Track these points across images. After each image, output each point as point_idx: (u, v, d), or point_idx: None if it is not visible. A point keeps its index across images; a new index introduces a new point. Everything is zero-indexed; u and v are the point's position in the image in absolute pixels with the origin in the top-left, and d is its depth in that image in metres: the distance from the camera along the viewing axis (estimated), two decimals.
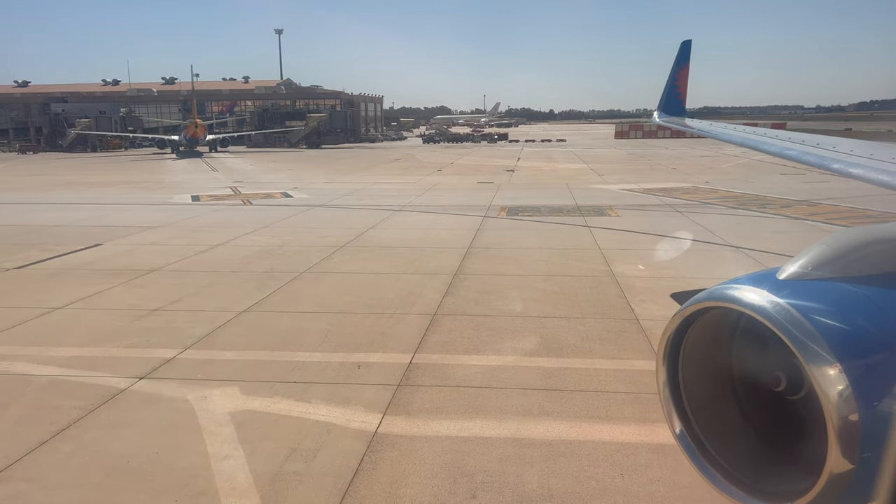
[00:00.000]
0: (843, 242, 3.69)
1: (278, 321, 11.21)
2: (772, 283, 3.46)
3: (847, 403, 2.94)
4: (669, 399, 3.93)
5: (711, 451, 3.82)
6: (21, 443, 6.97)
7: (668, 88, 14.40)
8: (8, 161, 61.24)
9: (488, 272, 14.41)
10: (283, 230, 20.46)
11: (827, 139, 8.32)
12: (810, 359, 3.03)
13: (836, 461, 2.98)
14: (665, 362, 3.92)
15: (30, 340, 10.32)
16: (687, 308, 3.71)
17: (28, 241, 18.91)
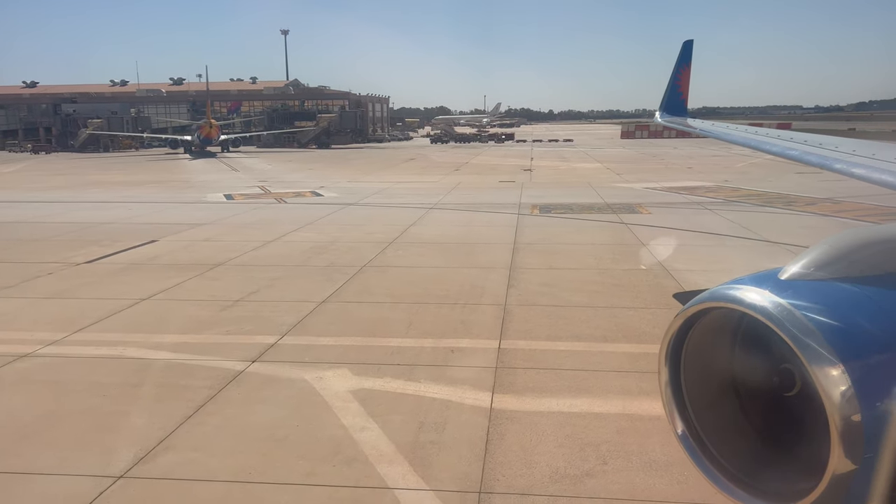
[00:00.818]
0: (845, 243, 3.70)
1: (359, 311, 11.82)
2: (774, 283, 3.48)
3: (849, 404, 2.93)
4: (672, 399, 3.93)
5: (714, 451, 3.83)
6: (169, 417, 7.59)
7: (669, 89, 14.52)
8: (25, 161, 61.76)
9: (542, 266, 15.03)
10: (328, 227, 21.06)
11: (829, 139, 8.40)
12: (812, 359, 3.03)
13: (839, 462, 2.97)
14: (667, 363, 3.93)
15: (131, 328, 10.93)
16: (689, 308, 3.72)
17: (84, 237, 19.51)
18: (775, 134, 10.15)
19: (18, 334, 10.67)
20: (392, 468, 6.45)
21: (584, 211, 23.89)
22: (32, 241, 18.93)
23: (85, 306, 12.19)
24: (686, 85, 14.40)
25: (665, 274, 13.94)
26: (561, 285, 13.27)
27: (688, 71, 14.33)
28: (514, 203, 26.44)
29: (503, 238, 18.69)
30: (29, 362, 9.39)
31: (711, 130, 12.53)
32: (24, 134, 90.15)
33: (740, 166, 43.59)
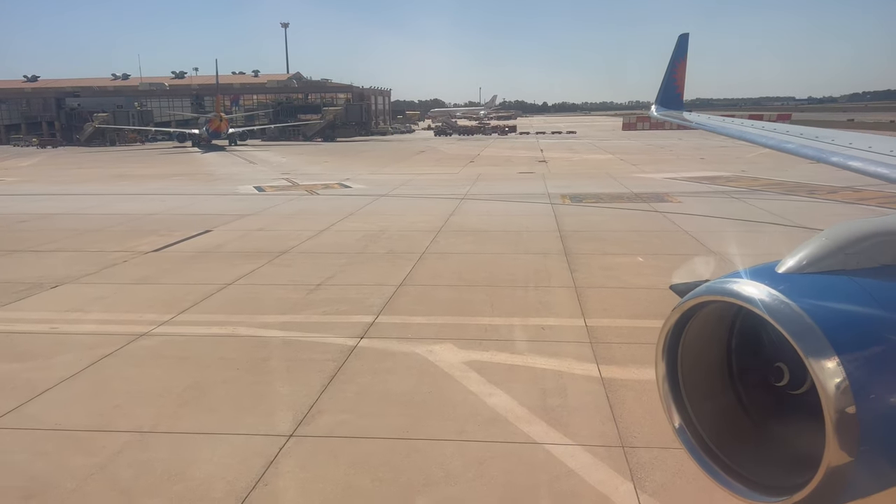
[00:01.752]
0: (842, 235, 3.71)
1: (438, 293, 12.49)
2: (770, 276, 3.49)
3: (845, 396, 2.94)
4: (669, 393, 3.95)
5: (711, 444, 3.84)
6: (308, 386, 8.27)
7: (665, 82, 14.50)
8: (36, 155, 61.97)
9: (595, 251, 15.74)
10: (371, 217, 21.68)
11: (825, 132, 8.40)
12: (808, 351, 3.04)
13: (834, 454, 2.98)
14: (664, 357, 3.93)
15: (230, 310, 11.58)
16: (686, 302, 3.72)
17: (138, 228, 20.10)
18: (771, 127, 10.10)
19: (127, 315, 11.30)
20: (532, 427, 7.15)
21: (613, 200, 24.59)
22: (88, 232, 19.48)
23: (175, 291, 12.82)
24: (682, 78, 14.46)
25: (719, 259, 14.66)
26: (622, 269, 13.98)
27: (683, 64, 14.39)
28: (542, 193, 27.13)
29: (546, 226, 19.38)
30: (150, 340, 10.03)
31: (707, 123, 12.56)
32: (27, 128, 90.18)
33: (751, 157, 44.34)
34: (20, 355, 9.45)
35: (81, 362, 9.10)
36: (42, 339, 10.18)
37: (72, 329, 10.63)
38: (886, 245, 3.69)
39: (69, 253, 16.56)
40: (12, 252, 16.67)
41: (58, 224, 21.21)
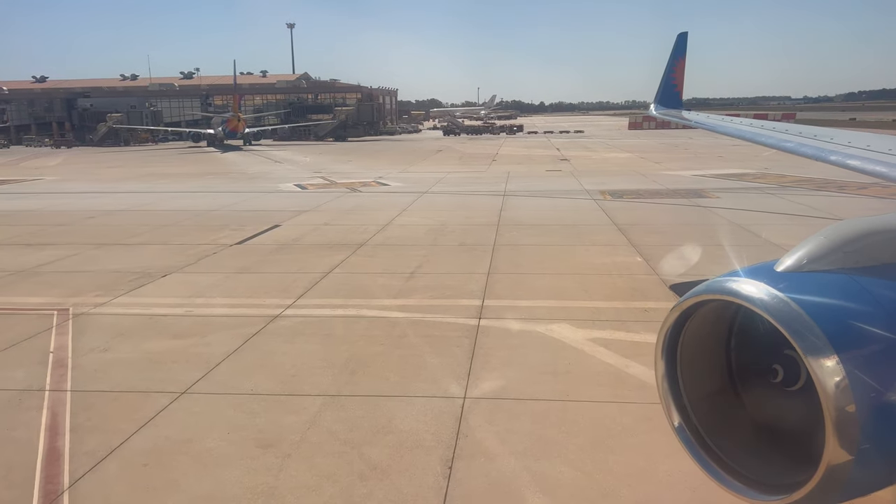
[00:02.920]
0: (840, 234, 3.72)
1: (527, 280, 13.35)
2: (769, 275, 3.50)
3: (844, 394, 2.95)
4: (668, 392, 3.97)
5: (710, 443, 3.85)
6: (456, 357, 9.12)
7: (664, 81, 14.55)
8: (57, 155, 62.61)
9: (663, 243, 16.59)
10: (426, 212, 22.52)
11: (823, 130, 8.45)
12: (808, 350, 3.05)
13: (834, 452, 2.98)
14: (663, 356, 3.95)
15: (344, 294, 12.42)
16: (685, 301, 3.73)
17: (206, 223, 20.92)
18: (770, 126, 10.16)
19: (249, 300, 12.16)
20: None
21: (653, 196, 25.49)
22: (161, 227, 20.29)
23: (281, 278, 13.67)
24: (681, 77, 14.55)
25: (786, 251, 15.57)
26: (700, 260, 14.80)
27: (682, 63, 14.48)
28: (580, 190, 28.03)
29: (599, 220, 20.29)
30: (286, 321, 10.88)
31: (706, 122, 12.66)
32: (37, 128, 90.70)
33: (768, 154, 45.10)
34: (176, 334, 10.30)
35: (235, 340, 9.94)
36: (184, 320, 11.02)
37: (206, 312, 11.47)
38: (885, 243, 3.69)
39: (156, 246, 17.38)
40: (101, 245, 17.47)
41: (126, 220, 22.01)
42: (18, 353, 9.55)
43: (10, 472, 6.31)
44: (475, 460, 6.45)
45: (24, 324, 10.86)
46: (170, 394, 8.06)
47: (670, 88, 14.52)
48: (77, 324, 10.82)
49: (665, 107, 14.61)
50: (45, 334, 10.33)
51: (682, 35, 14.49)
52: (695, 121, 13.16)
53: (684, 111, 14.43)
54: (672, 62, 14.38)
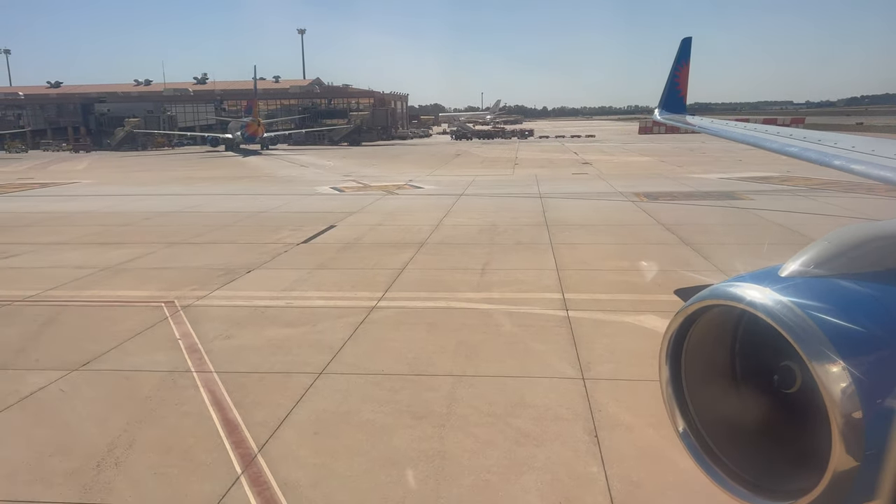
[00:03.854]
0: (846, 239, 3.70)
1: (598, 276, 14.02)
2: (774, 280, 3.49)
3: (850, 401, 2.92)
4: (672, 397, 3.99)
5: (715, 449, 3.84)
6: (559, 344, 9.79)
7: (668, 86, 14.59)
8: (80, 159, 63.42)
9: (713, 241, 17.28)
10: (471, 213, 23.21)
11: (828, 135, 8.43)
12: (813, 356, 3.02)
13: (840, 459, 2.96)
14: (668, 361, 3.98)
15: (427, 288, 13.10)
16: (689, 306, 3.75)
17: (263, 224, 21.64)
18: (774, 131, 10.23)
19: (341, 293, 12.86)
20: None
21: (688, 198, 26.18)
22: (222, 228, 21.00)
23: (361, 274, 14.37)
24: (685, 82, 14.63)
25: None
26: (751, 256, 15.51)
27: (686, 68, 14.54)
28: (613, 192, 28.73)
29: (644, 220, 20.99)
30: (385, 312, 11.57)
31: (710, 127, 12.69)
32: (53, 133, 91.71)
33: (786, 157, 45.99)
34: (287, 323, 10.99)
35: (345, 328, 10.64)
36: (289, 311, 11.72)
37: (305, 304, 12.17)
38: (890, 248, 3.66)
39: (227, 245, 18.09)
40: (172, 244, 18.18)
41: (183, 220, 22.74)
42: (148, 339, 10.25)
43: (199, 441, 7.00)
44: (617, 430, 7.14)
45: (140, 314, 11.55)
46: (309, 374, 8.75)
47: (674, 93, 14.68)
48: (188, 314, 11.51)
49: (669, 112, 14.72)
50: (164, 324, 11.03)
51: (685, 40, 14.63)
52: (698, 125, 13.24)
53: (688, 116, 14.56)
54: (676, 67, 14.50)
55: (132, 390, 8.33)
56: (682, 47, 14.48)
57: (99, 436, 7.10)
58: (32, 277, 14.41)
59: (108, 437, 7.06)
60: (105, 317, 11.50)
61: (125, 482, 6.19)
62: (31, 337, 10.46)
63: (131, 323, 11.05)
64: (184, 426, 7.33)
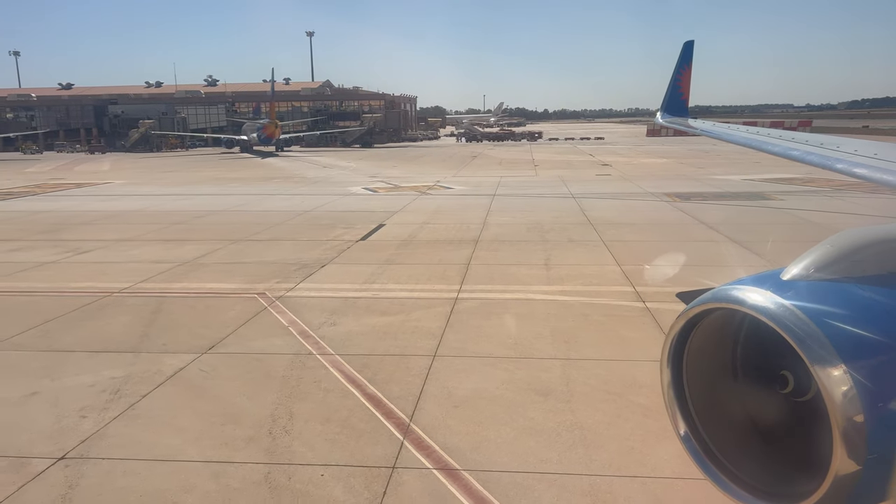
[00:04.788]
0: (846, 243, 3.71)
1: (660, 271, 14.65)
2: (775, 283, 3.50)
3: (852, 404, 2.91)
4: (674, 401, 3.99)
5: (716, 452, 3.84)
6: (647, 332, 10.46)
7: (670, 89, 14.61)
8: (99, 161, 64.07)
9: (759, 239, 17.89)
10: (513, 213, 23.86)
11: (830, 139, 8.45)
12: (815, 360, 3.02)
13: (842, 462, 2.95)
14: (669, 364, 3.98)
15: (500, 282, 13.75)
16: (691, 309, 3.75)
17: (315, 222, 22.32)
18: (776, 134, 10.30)
19: (419, 285, 13.53)
20: None
21: (718, 198, 26.85)
22: (276, 226, 21.65)
23: (430, 269, 15.02)
24: (687, 85, 14.64)
25: None
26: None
27: (688, 71, 14.54)
28: (643, 192, 29.42)
29: (683, 219, 21.68)
30: (470, 302, 12.22)
31: (712, 130, 12.77)
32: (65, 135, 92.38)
33: None
34: (382, 312, 11.65)
35: (438, 317, 11.30)
36: (379, 302, 12.38)
37: (390, 295, 12.84)
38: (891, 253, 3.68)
39: (288, 242, 18.75)
40: (235, 241, 18.84)
41: (234, 219, 23.43)
42: (259, 326, 10.91)
43: (352, 413, 7.67)
44: None
45: (238, 304, 12.22)
46: (424, 356, 9.42)
47: (676, 96, 14.75)
48: (285, 304, 12.18)
49: (671, 115, 14.81)
50: (265, 312, 11.70)
51: (688, 44, 14.71)
52: (700, 129, 13.30)
53: (690, 119, 14.69)
54: (678, 70, 14.56)
55: (267, 370, 9.00)
56: (684, 50, 14.62)
57: (258, 408, 7.77)
58: (118, 271, 15.08)
59: (266, 410, 7.73)
60: (206, 306, 12.17)
61: (302, 446, 6.87)
62: (147, 324, 11.13)
63: (234, 312, 11.71)
64: (331, 400, 8.00)
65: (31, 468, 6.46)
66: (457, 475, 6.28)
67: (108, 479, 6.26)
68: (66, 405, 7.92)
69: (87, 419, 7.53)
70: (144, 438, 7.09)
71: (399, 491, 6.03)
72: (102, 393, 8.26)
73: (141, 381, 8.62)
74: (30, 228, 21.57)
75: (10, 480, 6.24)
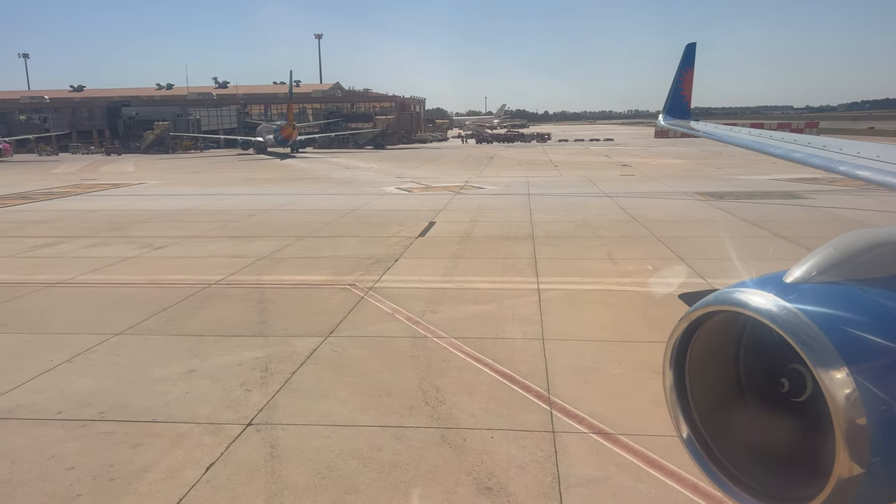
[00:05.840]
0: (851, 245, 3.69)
1: (727, 265, 15.27)
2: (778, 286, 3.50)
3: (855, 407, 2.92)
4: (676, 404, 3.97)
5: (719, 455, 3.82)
6: None
7: (672, 91, 14.61)
8: (118, 162, 64.80)
9: (806, 235, 18.65)
10: (556, 211, 24.55)
11: (833, 141, 8.43)
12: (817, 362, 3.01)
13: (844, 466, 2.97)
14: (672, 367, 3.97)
15: (573, 274, 14.45)
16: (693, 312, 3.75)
17: (365, 221, 23.02)
18: (779, 136, 10.33)
19: (495, 277, 14.24)
20: None
21: (750, 197, 27.59)
22: (330, 224, 22.34)
23: (500, 262, 15.73)
24: (689, 87, 14.65)
25: None
26: None
27: (691, 73, 14.54)
28: (674, 192, 30.17)
29: (723, 217, 22.42)
30: (553, 293, 12.92)
31: (714, 133, 12.78)
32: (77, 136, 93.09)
33: None
34: (475, 301, 12.37)
35: (529, 305, 12.02)
36: (466, 292, 13.08)
37: (473, 286, 13.56)
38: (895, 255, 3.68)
39: (351, 238, 19.48)
40: (301, 237, 19.56)
41: (285, 218, 24.17)
42: (365, 313, 11.63)
43: (492, 386, 8.39)
44: None
45: (336, 295, 12.94)
46: (533, 339, 10.15)
47: (679, 99, 14.76)
48: (379, 294, 12.90)
49: (673, 117, 14.88)
50: (365, 301, 12.41)
51: (690, 45, 14.70)
52: (703, 131, 13.32)
53: (692, 121, 14.72)
54: (680, 72, 14.58)
55: (394, 351, 9.73)
56: (686, 52, 14.66)
57: (403, 383, 8.49)
58: (202, 265, 15.81)
59: (412, 384, 8.45)
60: (306, 296, 12.90)
61: (462, 413, 7.59)
62: (258, 311, 11.86)
63: (336, 301, 12.44)
64: (466, 376, 8.72)
65: (228, 432, 7.18)
66: (614, 438, 7.01)
67: (303, 441, 6.98)
68: (226, 381, 8.64)
69: (252, 392, 8.26)
70: (314, 408, 7.82)
71: (568, 450, 6.75)
72: (253, 371, 8.98)
73: (283, 361, 9.34)
74: (93, 226, 22.28)
75: (215, 443, 6.96)
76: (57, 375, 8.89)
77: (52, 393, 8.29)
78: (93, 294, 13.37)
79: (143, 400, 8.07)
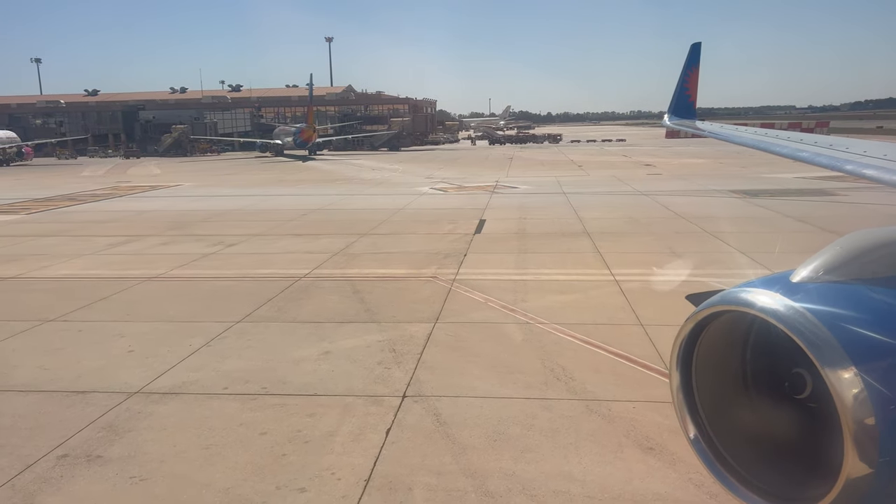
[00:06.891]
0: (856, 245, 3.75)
1: (782, 259, 16.01)
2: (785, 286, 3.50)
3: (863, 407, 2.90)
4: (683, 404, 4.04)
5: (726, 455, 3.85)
6: None
7: (678, 91, 14.72)
8: (140, 165, 65.62)
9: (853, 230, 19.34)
10: (598, 209, 25.15)
11: (840, 140, 8.48)
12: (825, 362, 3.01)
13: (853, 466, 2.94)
14: (678, 367, 4.00)
15: (636, 267, 15.07)
16: (700, 312, 3.80)
17: (417, 219, 23.72)
18: (785, 135, 10.41)
19: (569, 270, 14.94)
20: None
21: (783, 195, 28.21)
22: (386, 223, 22.92)
23: (566, 257, 16.41)
24: (694, 87, 14.72)
25: None
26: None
27: (696, 73, 14.58)
28: (708, 190, 30.85)
29: (764, 214, 23.07)
30: (629, 284, 13.53)
31: (720, 132, 12.90)
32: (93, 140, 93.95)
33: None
34: (559, 291, 13.02)
35: (613, 294, 12.68)
36: (547, 283, 13.76)
37: (551, 278, 14.24)
38: None
39: (410, 235, 20.19)
40: (362, 235, 20.23)
41: (336, 217, 24.88)
42: (460, 303, 12.29)
43: (614, 367, 9.05)
44: None
45: (424, 286, 13.60)
46: (633, 325, 10.82)
47: (684, 98, 14.90)
48: (465, 285, 13.56)
49: (679, 117, 15.01)
50: (455, 292, 13.07)
51: (695, 45, 14.77)
52: (708, 131, 13.43)
53: (697, 121, 14.86)
54: (685, 72, 14.69)
55: (503, 335, 10.40)
56: (691, 52, 14.72)
57: (527, 362, 9.16)
58: (282, 260, 16.54)
59: (536, 363, 9.12)
60: (397, 287, 13.58)
61: (595, 388, 8.25)
62: (359, 301, 12.54)
63: (428, 291, 13.13)
64: (584, 356, 9.39)
65: (389, 403, 7.86)
66: None
67: (459, 410, 7.66)
68: (363, 360, 9.32)
69: (392, 370, 8.94)
70: (456, 383, 8.50)
71: None
72: (382, 352, 9.66)
73: (406, 343, 10.02)
74: (155, 226, 23.00)
75: (381, 411, 7.65)
76: (203, 357, 9.58)
77: (208, 372, 8.98)
78: (192, 287, 14.08)
79: (297, 377, 8.76)
